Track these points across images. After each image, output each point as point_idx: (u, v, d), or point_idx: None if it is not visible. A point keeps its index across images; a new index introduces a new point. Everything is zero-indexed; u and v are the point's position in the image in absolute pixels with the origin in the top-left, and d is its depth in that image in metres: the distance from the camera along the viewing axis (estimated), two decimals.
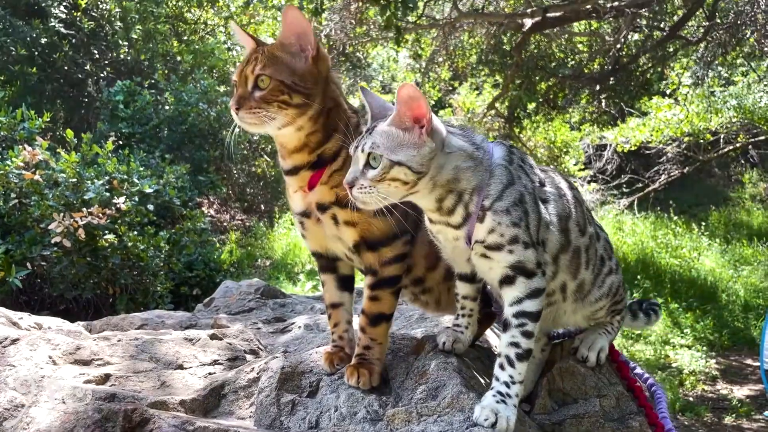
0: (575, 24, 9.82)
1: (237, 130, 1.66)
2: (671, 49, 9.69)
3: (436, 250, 1.63)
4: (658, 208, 10.69)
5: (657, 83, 11.09)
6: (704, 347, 6.15)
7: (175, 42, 11.15)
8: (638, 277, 7.60)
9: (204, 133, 8.84)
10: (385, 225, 1.59)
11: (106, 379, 1.69)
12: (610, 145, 11.05)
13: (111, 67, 10.27)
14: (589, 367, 1.77)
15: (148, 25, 10.31)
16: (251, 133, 1.65)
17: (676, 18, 8.89)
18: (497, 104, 11.16)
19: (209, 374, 1.81)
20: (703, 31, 8.53)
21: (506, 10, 9.30)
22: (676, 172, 11.10)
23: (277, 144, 1.68)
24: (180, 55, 10.67)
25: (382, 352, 1.67)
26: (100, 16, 10.09)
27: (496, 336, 2.13)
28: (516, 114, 11.50)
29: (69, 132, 5.52)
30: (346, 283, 1.80)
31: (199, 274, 6.31)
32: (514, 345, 1.44)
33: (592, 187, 11.25)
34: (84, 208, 4.91)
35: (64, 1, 9.42)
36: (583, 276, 1.68)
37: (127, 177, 5.62)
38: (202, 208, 9.90)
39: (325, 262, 1.78)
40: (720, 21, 8.31)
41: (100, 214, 4.91)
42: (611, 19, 8.32)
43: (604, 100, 10.72)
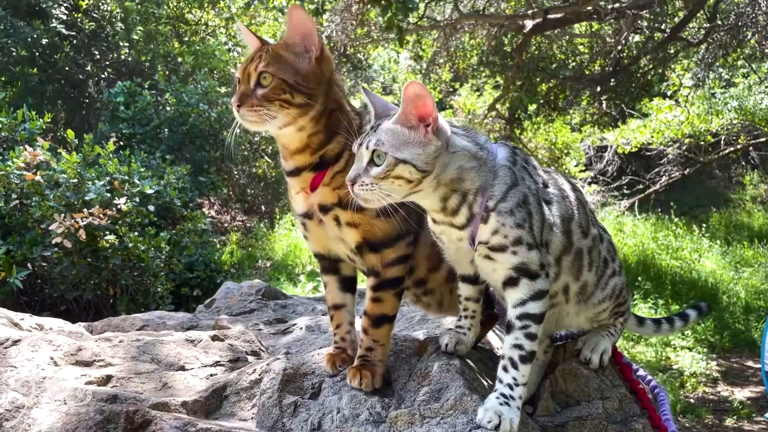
0: (576, 25, 9.83)
1: (238, 128, 1.65)
2: (672, 51, 9.69)
3: (439, 252, 1.62)
4: (659, 210, 10.68)
5: (658, 85, 11.10)
6: (705, 349, 6.14)
7: (176, 43, 11.16)
8: (639, 279, 7.60)
9: (205, 134, 8.84)
10: (388, 226, 1.59)
11: (107, 380, 1.69)
12: (611, 147, 11.04)
13: (112, 68, 10.27)
14: (592, 369, 1.77)
15: (149, 26, 10.31)
16: (252, 131, 1.64)
17: (677, 20, 8.89)
18: (498, 105, 11.16)
19: (211, 375, 1.80)
20: (704, 32, 8.53)
21: (507, 11, 9.30)
22: (677, 173, 11.09)
23: (279, 145, 1.67)
24: (181, 57, 10.67)
25: (385, 353, 1.66)
26: (101, 17, 10.09)
27: (498, 337, 2.12)
28: (517, 115, 11.50)
29: (70, 133, 5.52)
30: (349, 285, 1.79)
31: (200, 275, 6.30)
32: (518, 347, 1.43)
33: (593, 189, 11.25)
34: (85, 209, 4.91)
35: (65, 2, 9.43)
36: (586, 278, 1.67)
37: (128, 178, 5.62)
38: (203, 209, 9.90)
39: (328, 263, 1.78)
40: (721, 23, 8.31)
41: (101, 215, 4.91)
42: (612, 20, 8.32)
43: (604, 102, 10.73)
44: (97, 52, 10.00)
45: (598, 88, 9.99)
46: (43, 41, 8.97)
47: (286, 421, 1.55)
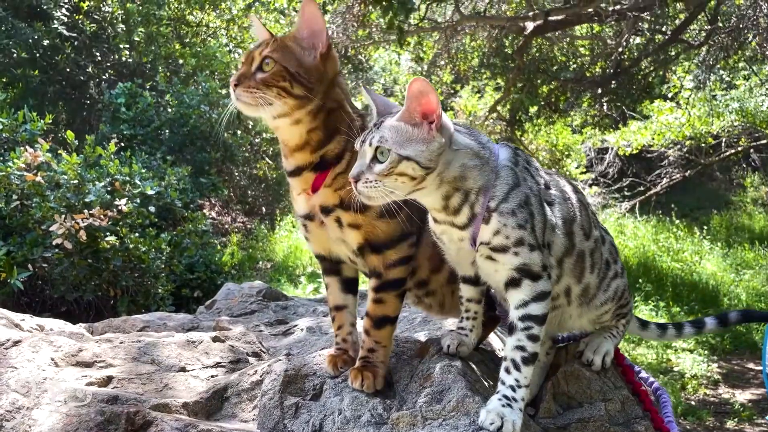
0: (577, 27, 9.83)
1: (233, 109, 1.60)
2: (673, 53, 9.70)
3: (441, 253, 1.61)
4: (660, 212, 10.67)
5: (659, 87, 11.10)
6: (706, 351, 6.13)
7: (177, 45, 11.16)
8: (639, 281, 7.59)
9: (206, 135, 8.84)
10: (390, 227, 1.58)
11: (108, 381, 1.68)
12: (612, 149, 11.04)
13: (113, 70, 10.28)
14: (595, 371, 1.76)
15: (150, 28, 10.32)
16: (245, 114, 1.61)
17: (678, 22, 8.90)
18: (499, 107, 11.17)
19: (212, 377, 1.80)
20: (705, 34, 8.54)
21: (508, 13, 9.31)
22: (678, 175, 11.08)
23: (280, 142, 1.67)
24: (182, 58, 10.68)
25: (386, 355, 1.66)
26: (101, 18, 10.10)
27: (499, 339, 2.12)
28: (518, 117, 11.52)
29: (70, 134, 5.52)
30: (350, 286, 1.79)
31: (201, 276, 6.30)
32: (520, 348, 1.42)
33: (594, 191, 11.25)
34: (85, 210, 4.91)
35: (66, 3, 9.44)
36: (588, 280, 1.67)
37: (128, 179, 5.62)
38: (204, 210, 9.90)
39: (329, 264, 1.77)
40: (722, 25, 8.32)
41: (102, 216, 4.91)
42: (613, 22, 8.32)
43: (605, 104, 10.74)
44: (98, 54, 10.01)
45: (599, 90, 10.00)
46: (44, 42, 8.97)
47: (288, 422, 1.54)
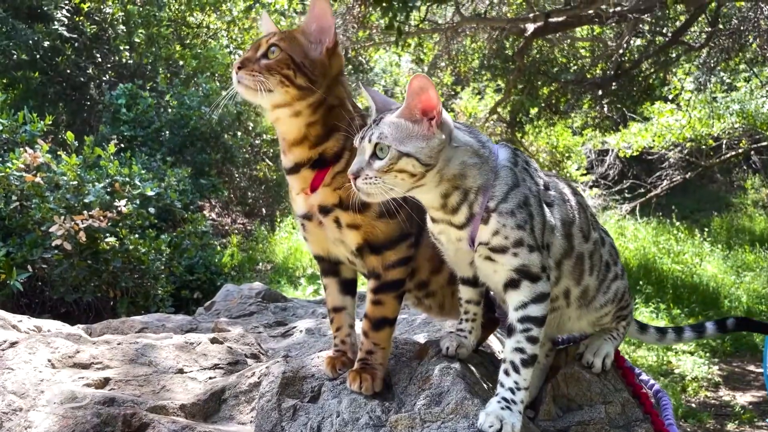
0: (577, 29, 9.84)
1: (233, 92, 1.60)
2: (674, 55, 9.70)
3: (440, 254, 1.60)
4: (660, 214, 10.66)
5: (659, 88, 11.09)
6: (707, 353, 6.11)
7: (178, 46, 11.17)
8: (640, 283, 7.58)
9: (206, 137, 8.85)
10: (389, 227, 1.57)
11: (105, 383, 1.67)
12: (612, 150, 11.04)
13: (113, 71, 10.29)
14: (595, 373, 1.75)
15: (150, 30, 10.33)
16: (244, 98, 1.60)
17: (679, 23, 8.89)
18: (499, 109, 11.17)
19: (210, 379, 1.78)
20: (706, 36, 8.53)
21: (509, 15, 9.31)
22: (678, 177, 11.08)
23: (279, 137, 1.66)
24: (183, 59, 10.68)
25: (385, 356, 1.64)
26: (102, 19, 10.11)
27: (499, 341, 2.11)
28: (518, 119, 11.51)
29: (70, 135, 5.51)
30: (349, 287, 1.77)
31: (200, 278, 6.30)
32: (519, 350, 1.41)
33: (594, 192, 11.25)
34: (85, 211, 4.90)
35: (67, 5, 9.45)
36: (587, 282, 1.65)
37: (128, 180, 5.61)
38: (204, 212, 9.90)
39: (328, 265, 1.76)
40: (722, 27, 8.31)
41: (101, 217, 4.90)
42: (613, 24, 8.32)
43: (606, 105, 10.73)
44: (98, 55, 10.02)
45: (600, 92, 9.99)
46: (45, 44, 8.98)
47: (285, 424, 1.53)
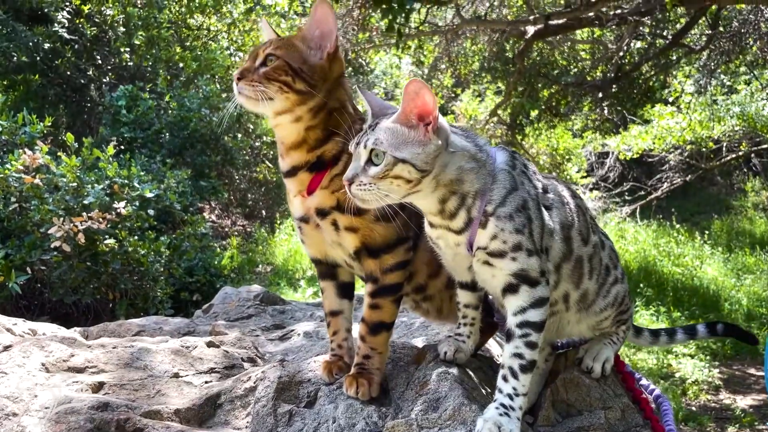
0: (578, 32, 9.82)
1: (236, 104, 1.61)
2: (674, 57, 9.69)
3: (438, 257, 1.59)
4: (660, 216, 10.65)
5: (659, 91, 11.08)
6: (707, 356, 6.09)
7: (178, 48, 11.17)
8: (640, 285, 7.56)
9: (206, 139, 8.84)
10: (388, 231, 1.56)
11: (99, 387, 1.65)
12: (613, 153, 11.03)
13: (113, 73, 10.29)
14: (594, 378, 1.73)
15: (150, 32, 10.33)
16: (246, 109, 1.62)
17: (679, 26, 8.88)
18: (500, 111, 11.16)
19: (205, 383, 1.77)
20: (706, 39, 8.52)
21: (509, 17, 9.31)
22: (679, 180, 11.07)
23: (277, 141, 1.65)
24: (183, 62, 10.68)
25: (382, 361, 1.63)
26: (102, 21, 10.11)
27: (498, 345, 2.09)
28: (518, 121, 11.49)
29: (69, 136, 5.50)
30: (346, 291, 1.76)
31: (200, 280, 6.28)
32: (518, 356, 1.40)
33: (594, 195, 11.24)
34: (84, 213, 4.89)
35: (67, 7, 9.44)
36: (587, 286, 1.64)
37: (127, 182, 5.60)
38: (204, 214, 9.89)
39: (325, 268, 1.75)
40: (723, 29, 8.30)
41: (101, 219, 4.89)
42: (614, 26, 8.30)
43: (606, 108, 10.71)
44: (98, 57, 10.02)
45: (600, 94, 9.97)
46: (45, 46, 8.97)
47: (281, 430, 1.52)
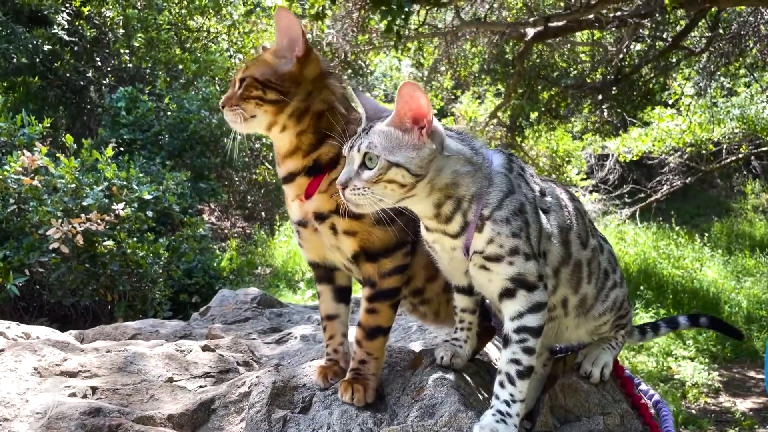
0: (578, 34, 9.81)
1: (237, 135, 1.68)
2: (674, 60, 9.67)
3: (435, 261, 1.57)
4: (660, 219, 10.63)
5: (659, 93, 11.07)
6: (707, 359, 6.07)
7: (178, 50, 11.16)
8: (640, 288, 7.54)
9: (205, 140, 8.83)
10: (386, 235, 1.55)
11: (92, 392, 1.63)
12: (612, 155, 11.02)
13: (113, 74, 10.28)
14: (593, 384, 1.71)
15: (149, 34, 10.32)
16: (242, 133, 1.66)
17: (679, 28, 8.87)
18: (499, 113, 11.14)
19: (200, 388, 1.75)
20: (706, 41, 8.51)
21: (509, 19, 9.30)
22: (678, 182, 11.06)
23: (274, 151, 1.66)
24: (182, 63, 10.67)
25: (378, 366, 1.61)
26: (102, 23, 10.11)
27: (497, 348, 2.08)
28: (518, 123, 11.48)
29: (68, 137, 5.49)
30: (343, 295, 1.75)
31: (199, 282, 6.27)
32: (515, 362, 1.38)
33: (594, 197, 11.22)
34: (83, 214, 4.87)
35: (67, 8, 9.44)
36: (586, 290, 1.62)
37: (126, 183, 5.59)
38: (203, 215, 9.88)
39: (323, 272, 1.74)
40: (723, 31, 8.29)
41: (99, 221, 4.88)
42: (614, 29, 8.30)
43: (606, 110, 10.70)
44: (98, 59, 10.01)
45: (600, 97, 9.96)
46: (45, 48, 8.97)
47: None
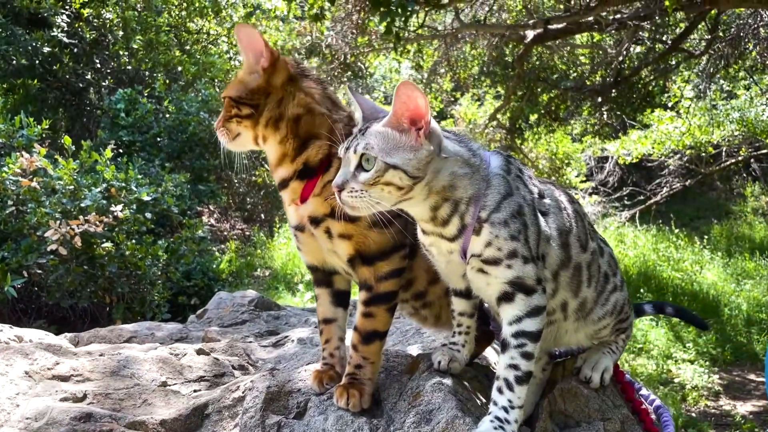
0: (577, 36, 9.81)
1: (234, 153, 1.76)
2: (673, 62, 9.68)
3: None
4: (660, 221, 10.61)
5: (659, 96, 11.07)
6: (707, 362, 6.05)
7: (177, 52, 11.16)
8: (640, 291, 7.52)
9: (204, 142, 8.82)
10: (382, 238, 1.53)
11: (83, 396, 1.61)
12: (612, 158, 11.00)
13: (112, 76, 10.27)
14: (593, 389, 1.69)
15: (148, 35, 10.32)
16: (235, 151, 1.74)
17: (678, 31, 8.88)
18: (499, 115, 11.14)
19: (194, 392, 1.73)
20: (705, 44, 8.52)
21: (508, 21, 9.30)
22: (678, 184, 11.05)
23: None
24: (181, 65, 10.67)
25: (375, 371, 1.59)
26: (101, 25, 10.10)
27: (495, 351, 2.06)
28: (518, 125, 11.48)
29: (67, 139, 5.48)
30: (341, 299, 1.73)
31: (198, 284, 6.25)
32: (513, 367, 1.36)
33: (594, 200, 11.21)
34: (81, 216, 4.86)
35: (67, 10, 9.43)
36: (585, 294, 1.60)
37: (125, 185, 5.57)
38: (203, 217, 9.86)
39: (321, 275, 1.72)
40: (722, 34, 8.29)
41: (97, 222, 4.86)
42: (613, 31, 8.30)
43: (605, 112, 10.70)
44: (97, 61, 10.00)
45: (599, 99, 9.96)
46: (44, 50, 8.96)
47: None
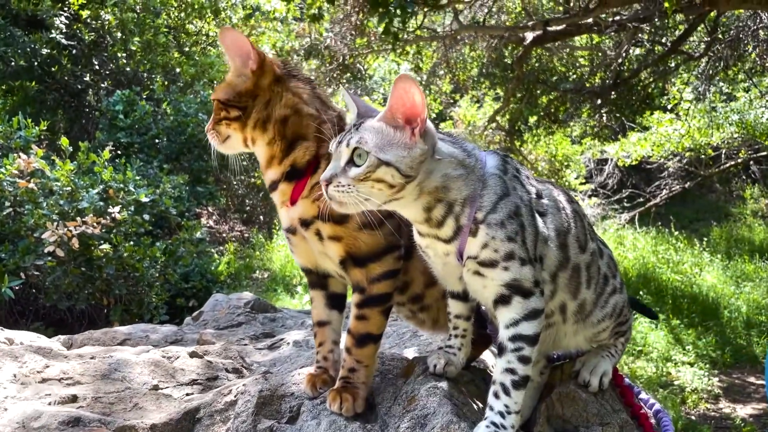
0: (576, 38, 9.81)
1: (227, 155, 1.75)
2: (673, 64, 9.67)
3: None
4: (659, 223, 10.59)
5: (658, 98, 11.07)
6: (706, 365, 6.02)
7: (176, 53, 11.14)
8: (640, 293, 7.50)
9: (203, 144, 8.80)
10: (373, 239, 1.51)
11: (73, 400, 1.58)
12: (611, 160, 10.99)
13: (111, 78, 10.25)
14: (591, 393, 1.66)
15: (147, 37, 10.30)
16: (227, 154, 1.73)
17: (678, 33, 8.87)
18: (498, 117, 11.13)
19: (186, 395, 1.70)
20: (705, 46, 8.51)
21: (507, 23, 9.29)
22: (678, 187, 11.03)
23: None
24: (180, 67, 10.65)
25: (369, 375, 1.57)
26: (100, 27, 10.09)
27: (493, 354, 2.03)
28: (517, 127, 11.47)
29: (64, 140, 5.46)
30: (336, 301, 1.71)
31: (196, 286, 6.22)
32: (510, 371, 1.33)
33: (593, 202, 11.19)
34: (78, 218, 4.84)
35: (65, 12, 9.42)
36: (585, 295, 1.58)
37: (123, 186, 5.55)
38: (201, 219, 9.84)
39: (315, 278, 1.70)
40: (721, 36, 8.29)
41: (95, 224, 4.84)
42: (613, 33, 8.29)
43: (605, 115, 10.68)
44: (96, 62, 9.99)
45: (599, 101, 9.94)
46: (43, 51, 8.95)
47: None
